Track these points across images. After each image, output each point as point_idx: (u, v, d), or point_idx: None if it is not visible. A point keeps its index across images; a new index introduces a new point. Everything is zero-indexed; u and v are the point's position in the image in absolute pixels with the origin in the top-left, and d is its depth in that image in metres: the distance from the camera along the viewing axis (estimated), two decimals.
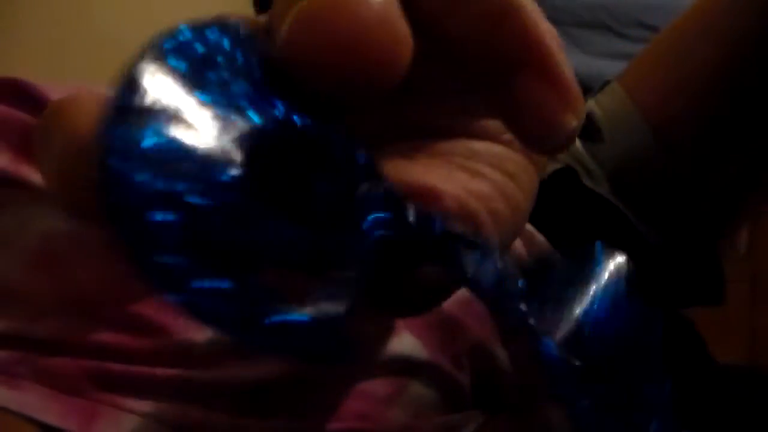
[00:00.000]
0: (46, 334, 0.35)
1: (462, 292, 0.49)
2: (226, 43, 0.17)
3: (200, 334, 0.36)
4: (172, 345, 0.36)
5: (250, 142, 0.15)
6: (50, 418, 0.34)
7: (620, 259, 0.28)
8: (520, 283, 0.19)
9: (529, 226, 0.54)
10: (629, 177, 0.63)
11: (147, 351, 0.36)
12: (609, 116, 0.62)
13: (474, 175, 0.21)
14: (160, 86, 0.15)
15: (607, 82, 0.65)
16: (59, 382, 0.35)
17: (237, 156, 0.15)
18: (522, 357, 0.46)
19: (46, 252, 0.35)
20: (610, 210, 0.63)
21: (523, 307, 0.19)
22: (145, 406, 0.35)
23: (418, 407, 0.42)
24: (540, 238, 0.55)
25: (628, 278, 0.26)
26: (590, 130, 0.61)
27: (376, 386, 0.40)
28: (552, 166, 0.64)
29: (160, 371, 0.36)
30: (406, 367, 0.42)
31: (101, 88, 0.16)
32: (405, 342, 0.42)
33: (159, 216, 0.14)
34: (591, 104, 0.63)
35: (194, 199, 0.14)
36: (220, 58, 0.16)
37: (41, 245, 0.35)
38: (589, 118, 0.61)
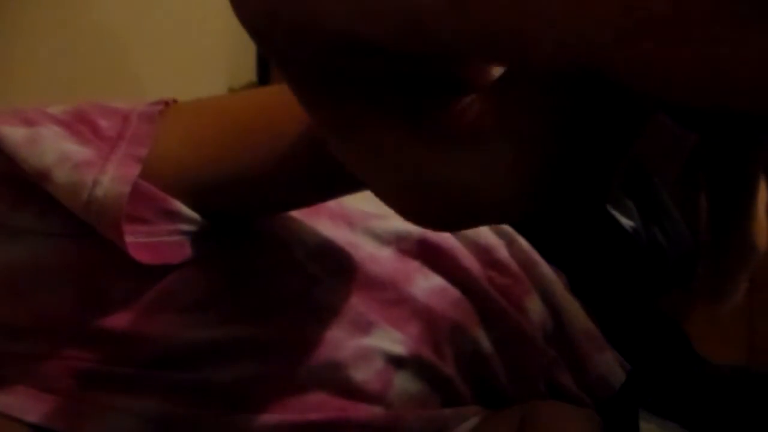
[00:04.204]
0: (24, 351, 0.35)
1: (434, 282, 0.49)
2: None
3: (177, 338, 0.36)
4: (148, 350, 0.36)
5: None
6: (35, 419, 0.34)
7: None
8: None
9: (508, 229, 0.55)
10: None
11: (122, 359, 0.36)
12: None
13: None
14: None
15: None
16: (46, 383, 0.35)
17: None
18: None
19: (11, 280, 0.35)
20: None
21: None
22: (129, 403, 0.35)
23: (405, 401, 0.42)
24: (520, 239, 0.55)
25: None
26: None
27: (362, 383, 0.40)
28: None
29: (143, 372, 0.36)
30: (390, 360, 0.42)
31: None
32: (387, 335, 0.42)
33: None
34: None
35: None
36: None
37: (5, 275, 0.35)
38: None
